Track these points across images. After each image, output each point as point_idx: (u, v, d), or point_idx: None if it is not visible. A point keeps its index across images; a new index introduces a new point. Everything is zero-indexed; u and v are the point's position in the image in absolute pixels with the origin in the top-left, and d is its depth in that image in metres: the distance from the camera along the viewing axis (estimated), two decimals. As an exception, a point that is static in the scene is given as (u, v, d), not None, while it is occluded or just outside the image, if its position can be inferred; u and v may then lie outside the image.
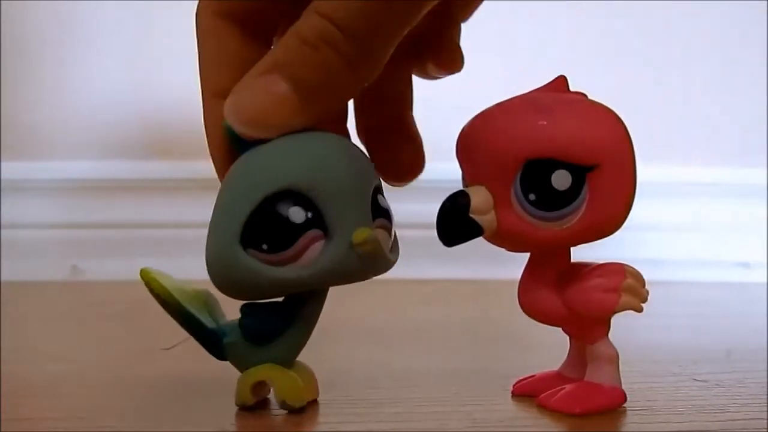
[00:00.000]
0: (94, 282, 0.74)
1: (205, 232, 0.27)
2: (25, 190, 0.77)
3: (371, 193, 0.27)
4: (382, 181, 0.29)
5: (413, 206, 0.28)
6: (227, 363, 0.29)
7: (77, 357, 0.40)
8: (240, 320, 0.28)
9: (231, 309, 0.29)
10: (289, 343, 0.28)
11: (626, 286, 0.28)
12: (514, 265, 0.30)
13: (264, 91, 0.26)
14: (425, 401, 0.30)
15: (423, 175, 0.32)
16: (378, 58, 0.26)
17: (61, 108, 0.79)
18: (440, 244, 0.27)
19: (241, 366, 0.28)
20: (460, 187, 0.28)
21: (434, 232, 0.27)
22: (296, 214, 0.26)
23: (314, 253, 0.26)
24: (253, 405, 0.28)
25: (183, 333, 0.29)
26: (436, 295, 0.65)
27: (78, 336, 0.47)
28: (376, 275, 0.28)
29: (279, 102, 0.26)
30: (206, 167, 0.28)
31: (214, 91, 0.28)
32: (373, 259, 0.27)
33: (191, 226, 0.74)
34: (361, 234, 0.26)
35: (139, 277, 0.28)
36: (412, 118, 0.33)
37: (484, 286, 0.70)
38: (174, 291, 0.28)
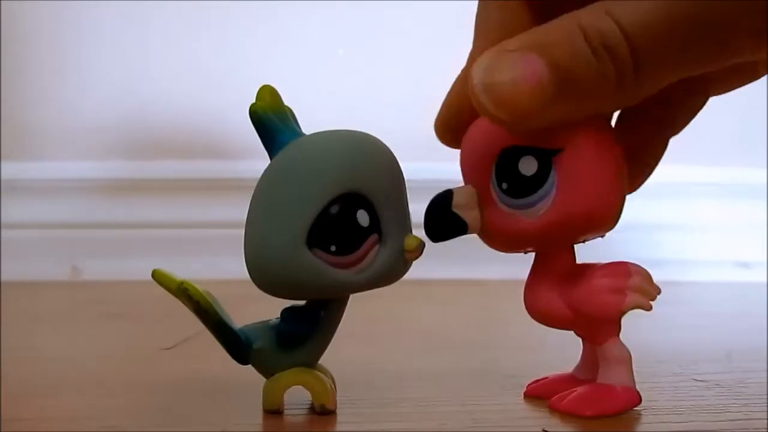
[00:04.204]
0: (94, 282, 0.74)
1: (204, 232, 0.27)
2: (25, 190, 0.77)
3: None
4: None
5: (413, 207, 0.28)
6: (226, 363, 0.28)
7: (77, 357, 0.40)
8: (277, 324, 0.28)
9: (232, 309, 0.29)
10: (314, 347, 0.28)
11: (633, 285, 0.27)
12: (514, 265, 0.30)
13: (520, 67, 0.22)
14: (425, 401, 0.30)
15: (423, 175, 0.32)
16: (652, 85, 0.23)
17: (61, 108, 0.79)
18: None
19: (267, 371, 0.28)
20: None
21: (434, 233, 0.27)
22: (363, 218, 0.26)
23: (371, 257, 0.26)
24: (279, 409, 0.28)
25: (182, 333, 0.29)
26: (437, 296, 0.65)
27: (78, 336, 0.47)
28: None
29: (534, 83, 0.22)
30: (206, 167, 0.28)
31: (472, 58, 0.27)
32: (409, 264, 0.28)
33: (191, 226, 0.74)
34: (413, 241, 0.27)
35: (136, 276, 0.28)
36: (667, 141, 0.31)
37: (485, 286, 0.70)
38: (205, 295, 0.27)
